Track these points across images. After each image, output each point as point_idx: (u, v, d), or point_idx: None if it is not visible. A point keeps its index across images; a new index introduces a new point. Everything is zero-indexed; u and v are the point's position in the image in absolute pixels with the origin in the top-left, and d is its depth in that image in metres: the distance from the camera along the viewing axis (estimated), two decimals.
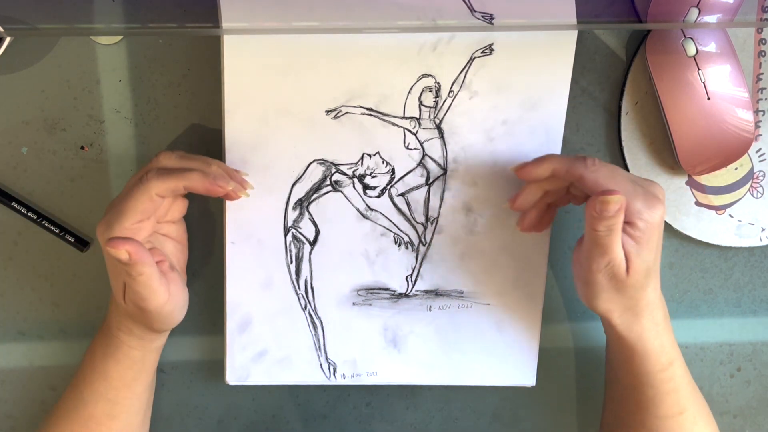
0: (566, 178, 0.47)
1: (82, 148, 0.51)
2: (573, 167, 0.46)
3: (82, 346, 0.55)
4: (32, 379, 0.55)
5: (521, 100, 0.50)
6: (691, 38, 0.50)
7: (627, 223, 0.46)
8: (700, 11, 0.48)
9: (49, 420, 0.51)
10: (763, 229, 0.55)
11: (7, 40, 0.48)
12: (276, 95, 0.49)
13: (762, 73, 0.52)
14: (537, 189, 0.49)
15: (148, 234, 0.46)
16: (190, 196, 0.52)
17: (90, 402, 0.49)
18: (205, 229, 0.53)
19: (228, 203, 0.50)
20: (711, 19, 0.48)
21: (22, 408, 0.56)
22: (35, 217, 0.51)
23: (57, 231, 0.51)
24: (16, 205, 0.51)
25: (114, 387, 0.49)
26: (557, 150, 0.51)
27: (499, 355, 0.55)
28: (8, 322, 0.54)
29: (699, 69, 0.50)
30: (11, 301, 0.54)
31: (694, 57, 0.50)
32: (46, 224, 0.51)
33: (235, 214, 0.51)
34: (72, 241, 0.52)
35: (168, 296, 0.46)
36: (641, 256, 0.46)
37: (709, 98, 0.50)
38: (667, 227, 0.55)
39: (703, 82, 0.50)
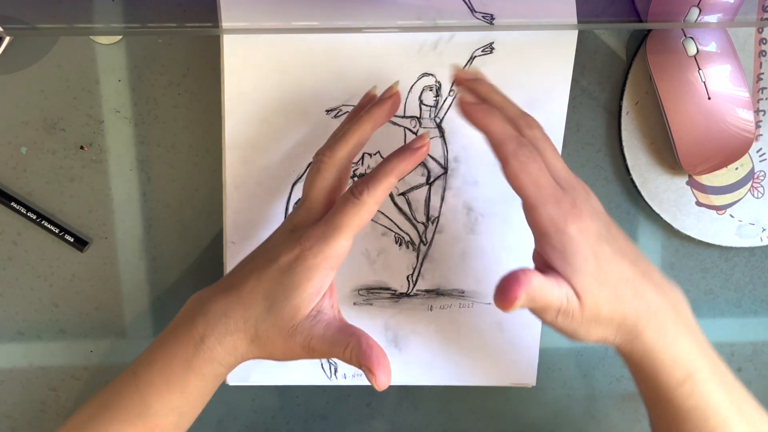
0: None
1: (82, 148, 0.51)
2: (501, 147, 0.41)
3: (82, 346, 0.55)
4: (32, 379, 0.55)
5: (522, 99, 0.50)
6: (691, 38, 0.50)
7: (543, 236, 0.41)
8: (700, 11, 0.48)
9: (103, 416, 0.44)
10: (764, 229, 0.55)
11: (7, 39, 0.48)
12: (276, 95, 0.49)
13: (762, 73, 0.52)
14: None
15: None
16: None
17: (160, 414, 0.44)
18: (205, 229, 0.53)
19: (228, 204, 0.50)
20: (711, 18, 0.48)
21: (22, 408, 0.56)
22: (34, 217, 0.51)
23: (56, 231, 0.51)
24: (15, 205, 0.51)
25: (189, 402, 0.44)
26: (557, 150, 0.51)
27: (500, 355, 0.55)
28: (8, 322, 0.54)
29: (699, 69, 0.50)
30: (11, 301, 0.54)
31: (694, 57, 0.50)
32: (46, 224, 0.51)
33: (235, 214, 0.51)
34: (71, 241, 0.52)
35: None
36: (584, 278, 0.41)
37: (709, 98, 0.50)
38: (668, 227, 0.55)
39: (704, 82, 0.50)
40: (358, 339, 0.42)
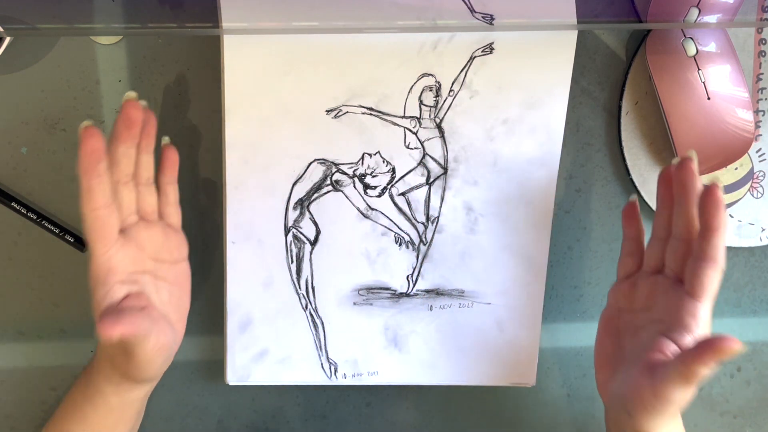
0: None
1: None
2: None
3: (82, 346, 0.55)
4: (32, 379, 0.55)
5: (521, 99, 0.50)
6: (691, 38, 0.50)
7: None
8: (700, 11, 0.48)
9: None
10: (763, 229, 0.55)
11: (7, 40, 0.48)
12: (276, 95, 0.49)
13: (762, 73, 0.52)
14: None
15: (132, 270, 0.44)
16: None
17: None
18: (205, 229, 0.53)
19: (228, 204, 0.50)
20: (711, 19, 0.48)
21: (22, 408, 0.56)
22: (35, 217, 0.51)
23: (57, 231, 0.51)
24: (15, 205, 0.51)
25: (93, 431, 0.47)
26: (557, 150, 0.51)
27: (500, 354, 0.55)
28: (8, 322, 0.54)
29: (699, 69, 0.50)
30: (11, 301, 0.54)
31: (694, 57, 0.50)
32: (46, 224, 0.51)
33: (235, 214, 0.51)
34: (72, 241, 0.52)
35: (153, 348, 0.43)
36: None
37: (709, 98, 0.50)
38: None
39: (703, 82, 0.50)
40: None
